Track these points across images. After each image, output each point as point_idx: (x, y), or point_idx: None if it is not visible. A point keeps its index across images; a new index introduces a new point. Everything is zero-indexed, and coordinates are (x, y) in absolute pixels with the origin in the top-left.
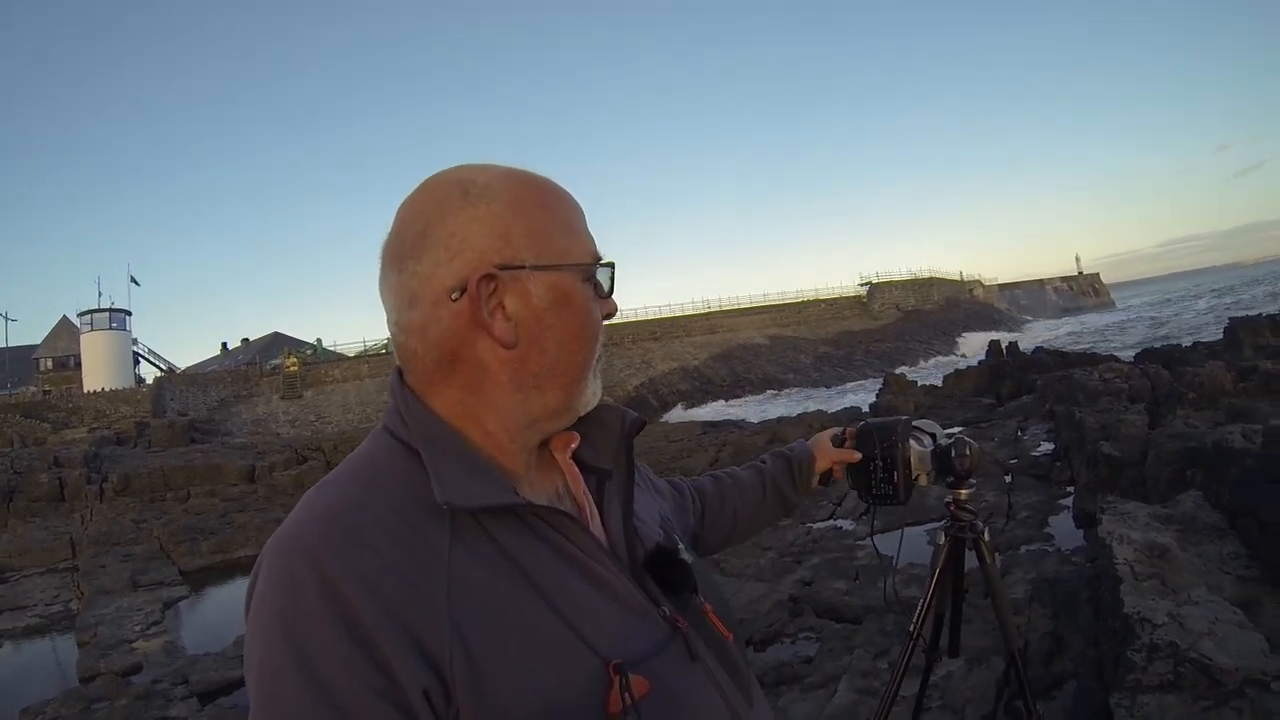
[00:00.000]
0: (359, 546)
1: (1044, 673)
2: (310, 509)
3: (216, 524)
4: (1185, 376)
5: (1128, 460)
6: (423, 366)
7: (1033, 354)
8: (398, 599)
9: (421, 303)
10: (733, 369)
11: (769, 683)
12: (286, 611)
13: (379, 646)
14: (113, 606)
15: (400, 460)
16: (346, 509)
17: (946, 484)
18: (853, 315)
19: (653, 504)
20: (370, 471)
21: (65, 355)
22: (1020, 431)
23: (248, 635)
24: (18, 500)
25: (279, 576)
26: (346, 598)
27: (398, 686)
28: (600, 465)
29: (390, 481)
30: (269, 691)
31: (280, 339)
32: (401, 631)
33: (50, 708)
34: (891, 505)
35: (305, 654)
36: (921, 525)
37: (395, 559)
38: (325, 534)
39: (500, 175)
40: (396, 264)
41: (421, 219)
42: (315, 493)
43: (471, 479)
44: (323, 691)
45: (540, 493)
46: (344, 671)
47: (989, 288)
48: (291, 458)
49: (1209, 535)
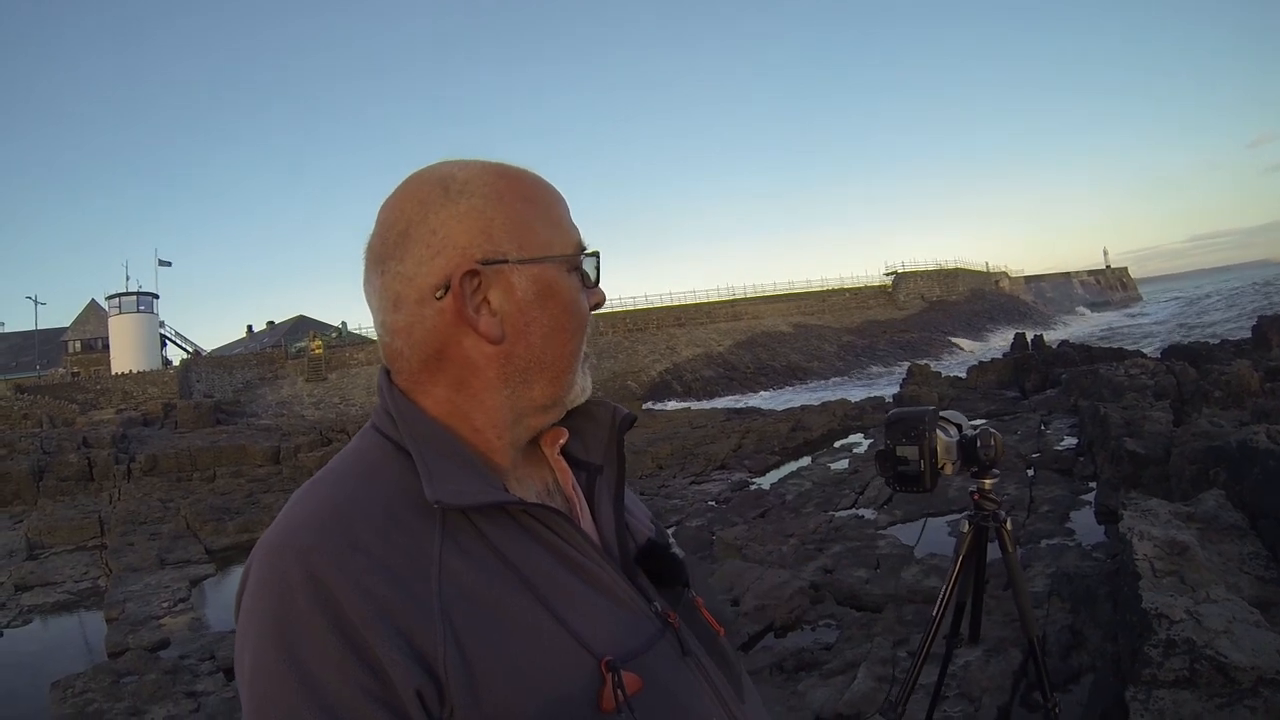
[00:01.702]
0: (350, 546)
1: (1061, 665)
2: (300, 508)
3: (242, 504)
4: (1212, 375)
5: (1151, 457)
6: (409, 366)
7: (1058, 348)
8: (389, 599)
9: (406, 303)
10: (757, 356)
11: (788, 668)
12: (277, 612)
13: (370, 647)
14: (140, 583)
15: (390, 459)
16: (337, 508)
17: (971, 473)
18: (877, 305)
19: (643, 506)
20: (360, 470)
21: (93, 338)
22: (1044, 425)
23: (238, 636)
24: (48, 479)
25: (270, 577)
26: (337, 598)
27: (390, 687)
28: (590, 461)
29: (381, 480)
30: (261, 694)
31: (305, 322)
32: (393, 632)
33: (80, 681)
34: (917, 492)
35: (297, 656)
36: (943, 516)
37: (386, 559)
38: (316, 534)
39: (480, 169)
40: (379, 265)
41: (403, 219)
42: (305, 492)
43: (462, 477)
44: (314, 693)
45: (530, 489)
46: (335, 673)
47: (1015, 279)
48: (316, 439)
49: (1230, 534)
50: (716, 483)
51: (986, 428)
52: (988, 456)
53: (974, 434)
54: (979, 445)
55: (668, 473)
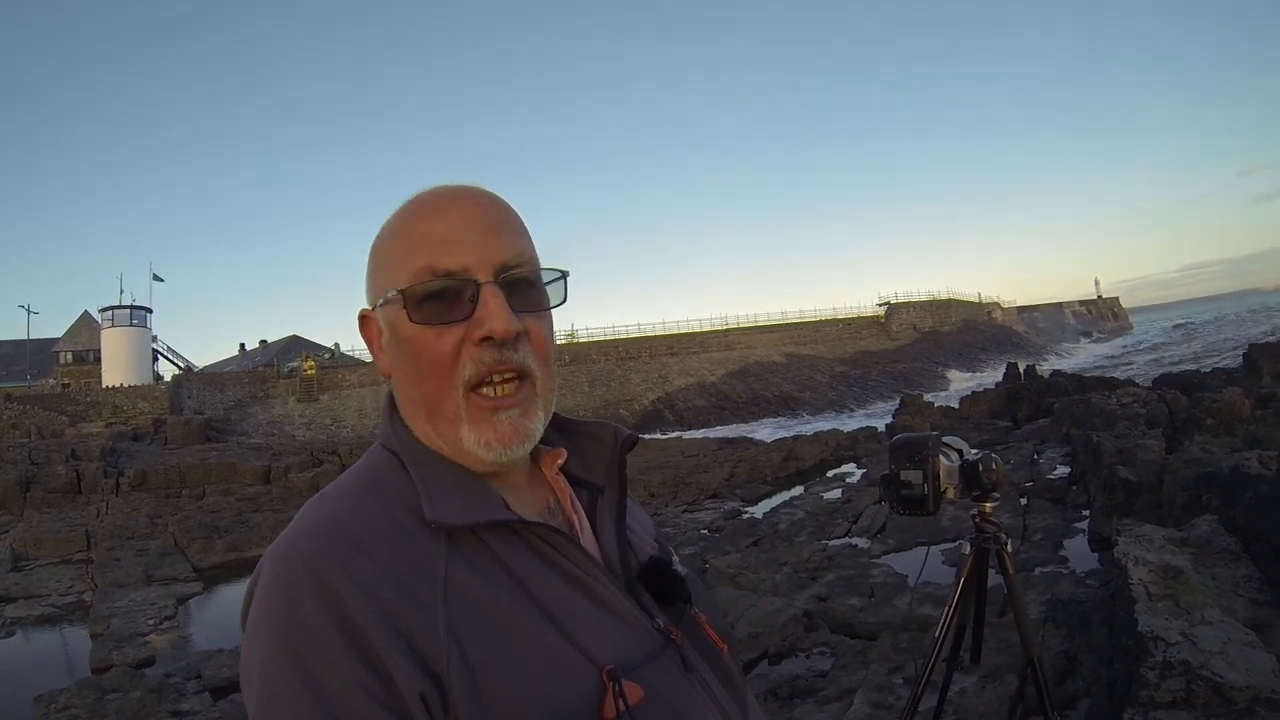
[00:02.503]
0: (357, 555)
1: (1057, 690)
2: (309, 518)
3: (231, 522)
4: (1203, 402)
5: (1144, 484)
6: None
7: (1050, 377)
8: (395, 606)
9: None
10: (749, 386)
11: (784, 695)
12: (284, 617)
13: (376, 653)
14: (126, 599)
15: (397, 473)
16: (345, 518)
17: (972, 497)
18: (870, 335)
19: (647, 519)
20: (369, 483)
21: (85, 350)
22: (1036, 455)
23: (245, 641)
24: (34, 491)
25: (278, 583)
26: (344, 605)
27: (395, 693)
28: (593, 480)
29: (388, 493)
30: (266, 698)
31: (298, 342)
32: (399, 638)
33: (64, 697)
34: (920, 515)
35: (302, 660)
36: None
37: (393, 567)
38: (324, 542)
39: (398, 209)
40: None
41: None
42: (315, 503)
43: (461, 497)
44: (320, 697)
45: (530, 507)
46: (341, 678)
47: (1007, 310)
48: (307, 460)
49: (1223, 558)
50: (709, 511)
51: (988, 453)
52: (989, 480)
53: (976, 459)
54: (980, 469)
55: (660, 501)
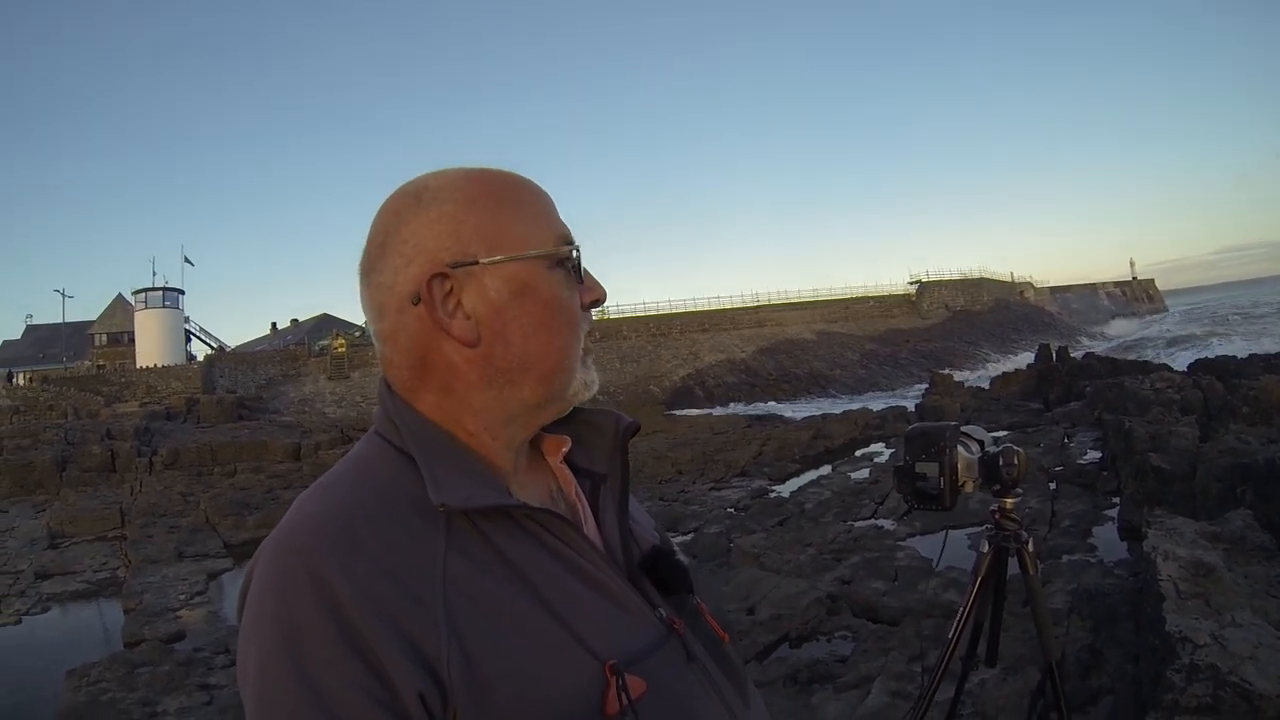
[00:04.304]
0: (353, 550)
1: (1080, 686)
2: (304, 512)
3: (262, 499)
4: (1239, 390)
5: (1177, 473)
6: (400, 374)
7: (1083, 360)
8: (393, 602)
9: (389, 312)
10: (780, 363)
11: (803, 680)
12: (280, 614)
13: (374, 650)
14: (158, 575)
15: (394, 463)
16: (341, 512)
17: (992, 491)
18: (901, 314)
19: (646, 516)
20: (364, 474)
21: (120, 332)
22: (1067, 438)
23: (241, 638)
24: (70, 470)
25: (274, 579)
26: (341, 601)
27: (393, 690)
28: (595, 469)
29: (384, 484)
30: (263, 696)
31: (329, 320)
32: (397, 635)
33: (95, 670)
34: (936, 510)
35: (299, 657)
36: (963, 529)
37: (390, 562)
38: (320, 537)
39: (455, 176)
40: (365, 278)
41: (381, 231)
42: (309, 495)
43: (466, 480)
44: (316, 695)
45: (533, 495)
46: (337, 675)
47: (1040, 290)
48: (337, 437)
49: (1257, 556)
50: (736, 489)
51: (1009, 445)
52: (1010, 475)
53: (996, 451)
54: (1001, 463)
55: (688, 478)
